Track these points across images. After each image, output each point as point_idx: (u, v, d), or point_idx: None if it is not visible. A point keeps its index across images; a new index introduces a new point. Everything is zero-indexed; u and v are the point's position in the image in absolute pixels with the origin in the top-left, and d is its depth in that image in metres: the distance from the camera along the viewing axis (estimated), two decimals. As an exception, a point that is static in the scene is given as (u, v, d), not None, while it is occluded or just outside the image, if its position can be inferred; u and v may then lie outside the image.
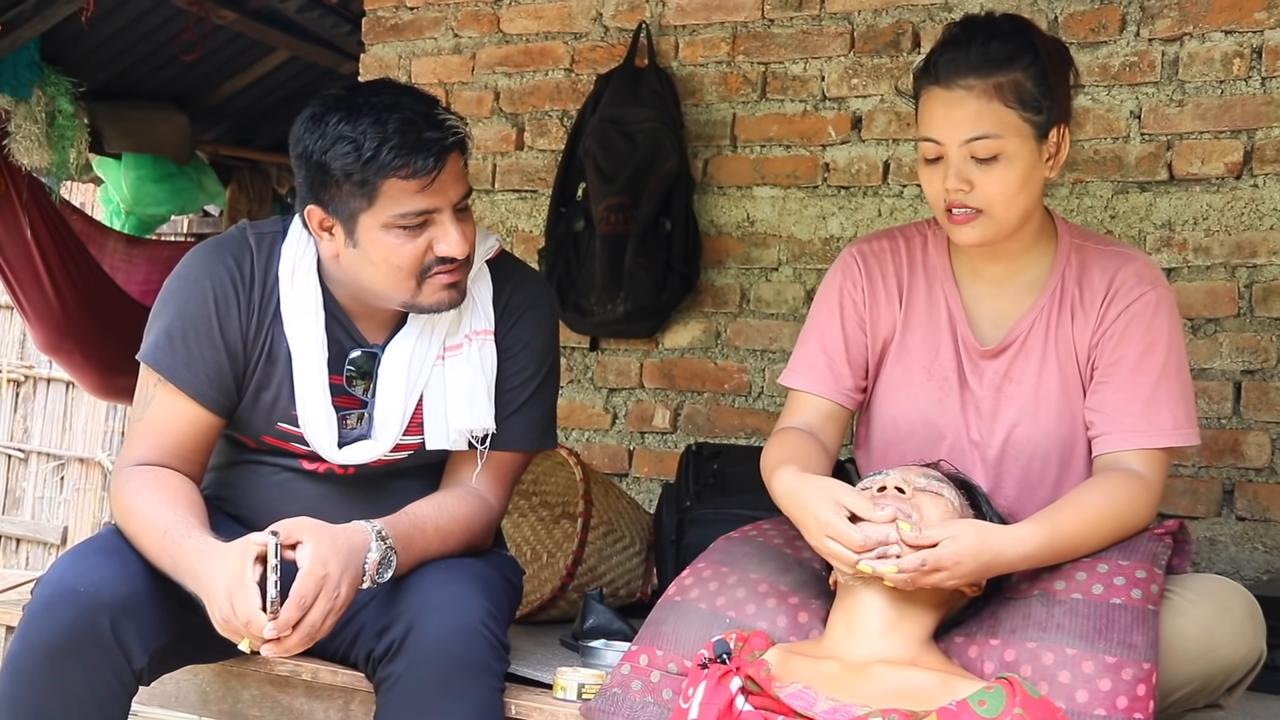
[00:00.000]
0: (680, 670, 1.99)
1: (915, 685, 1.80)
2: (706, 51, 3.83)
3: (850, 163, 3.64)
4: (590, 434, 3.96)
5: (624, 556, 3.05)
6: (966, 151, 2.02)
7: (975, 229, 2.07)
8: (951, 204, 2.06)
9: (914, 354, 2.21)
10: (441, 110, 2.10)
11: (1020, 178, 2.04)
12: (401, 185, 2.04)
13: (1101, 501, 1.98)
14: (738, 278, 3.78)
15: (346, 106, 2.05)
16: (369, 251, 2.09)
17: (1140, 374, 2.07)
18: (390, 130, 2.01)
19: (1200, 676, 1.91)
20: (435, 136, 2.04)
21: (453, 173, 2.08)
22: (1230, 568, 3.14)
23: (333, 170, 2.04)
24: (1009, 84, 2.01)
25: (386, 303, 2.16)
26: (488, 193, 4.13)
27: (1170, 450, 2.08)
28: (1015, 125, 2.02)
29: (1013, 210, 2.06)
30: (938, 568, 1.84)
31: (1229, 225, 3.23)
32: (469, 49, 4.16)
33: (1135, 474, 2.03)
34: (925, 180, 2.10)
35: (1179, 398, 2.08)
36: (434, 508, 2.15)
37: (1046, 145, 2.07)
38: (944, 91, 2.03)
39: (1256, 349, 3.19)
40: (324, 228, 2.11)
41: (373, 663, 2.06)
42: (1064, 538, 1.94)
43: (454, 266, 2.12)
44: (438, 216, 2.08)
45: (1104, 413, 2.09)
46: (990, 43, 2.02)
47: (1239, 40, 3.22)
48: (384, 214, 2.06)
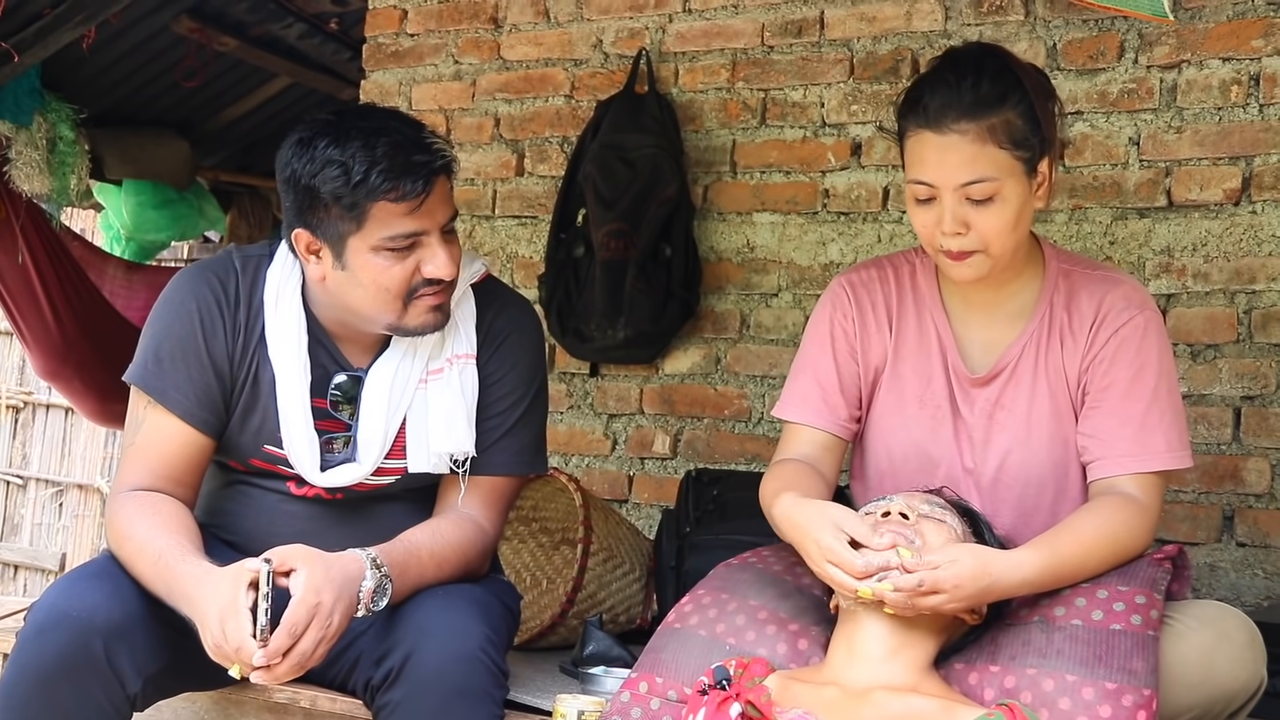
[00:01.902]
0: (680, 698, 1.98)
1: (916, 712, 1.80)
2: (706, 78, 3.84)
3: (850, 189, 3.65)
4: (590, 460, 3.95)
5: (624, 583, 3.04)
6: (962, 194, 2.01)
7: (972, 267, 2.07)
8: (948, 245, 2.05)
9: (906, 382, 2.21)
10: (428, 134, 2.13)
11: (1015, 214, 2.04)
12: (390, 208, 2.05)
13: (1099, 526, 1.98)
14: (738, 303, 3.78)
15: (334, 131, 2.07)
16: (357, 274, 2.10)
17: (1132, 398, 2.08)
18: (379, 154, 2.03)
19: (1201, 703, 1.90)
20: (423, 160, 2.06)
21: (440, 195, 2.11)
22: (1231, 594, 3.13)
23: (321, 194, 2.06)
24: (1000, 125, 2.00)
25: (372, 325, 2.17)
26: (488, 219, 4.14)
27: (1164, 473, 2.08)
28: (1008, 165, 2.02)
29: (1008, 246, 2.07)
30: (936, 590, 1.84)
31: (1228, 251, 3.23)
32: (469, 75, 4.18)
33: (1131, 498, 2.03)
34: (918, 221, 2.08)
35: (1171, 420, 2.08)
36: (429, 534, 2.14)
37: (1036, 178, 2.07)
38: (936, 136, 2.01)
39: (1256, 375, 3.19)
40: (311, 251, 2.13)
41: (371, 690, 2.05)
42: (1063, 562, 1.94)
43: (440, 289, 2.14)
44: (425, 239, 2.10)
45: (1097, 438, 2.09)
46: (980, 84, 2.01)
47: (1236, 67, 3.23)
48: (373, 236, 2.07)
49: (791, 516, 1.98)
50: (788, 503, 2.01)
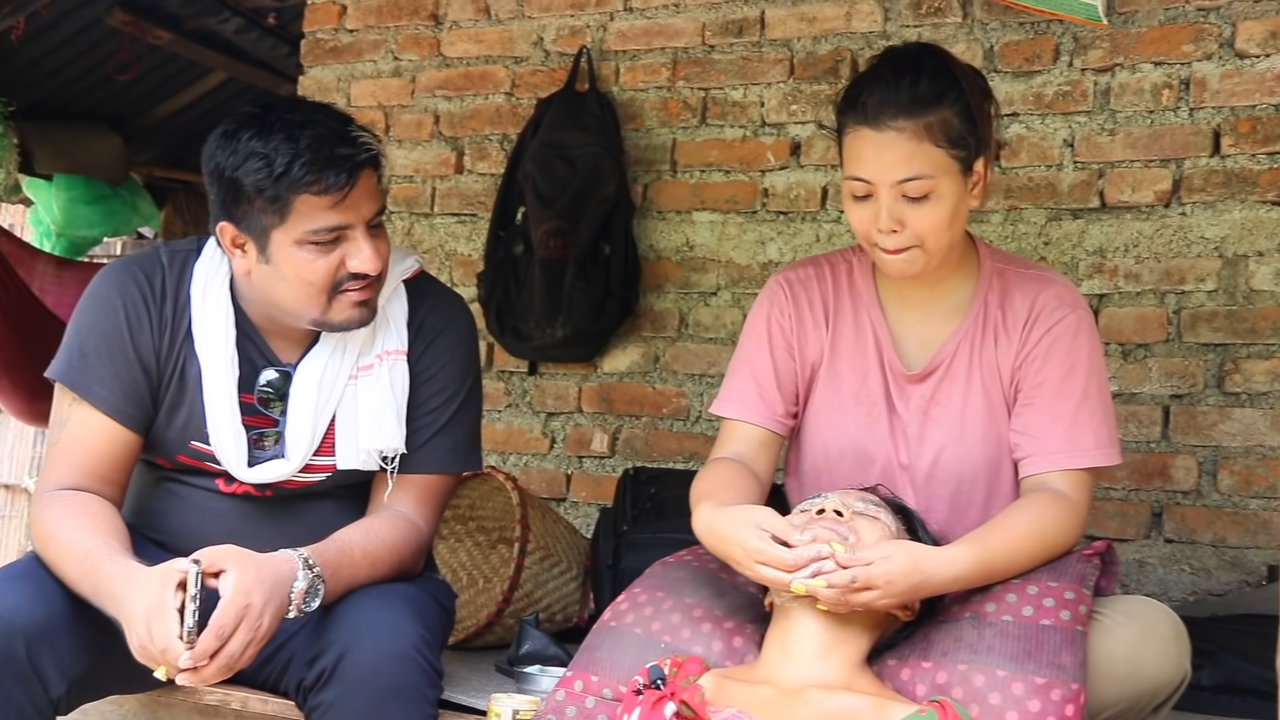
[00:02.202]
0: (615, 696, 1.98)
1: (849, 710, 1.80)
2: (647, 77, 3.84)
3: (789, 188, 3.66)
4: (528, 458, 3.94)
5: (561, 581, 3.03)
6: (898, 191, 2.04)
7: (907, 263, 2.09)
8: (884, 243, 2.07)
9: (842, 379, 2.23)
10: (355, 127, 2.11)
11: (950, 212, 2.06)
12: (313, 201, 2.04)
13: (1030, 522, 2.00)
14: (677, 302, 3.79)
15: (259, 123, 2.05)
16: (281, 267, 2.09)
17: (1063, 396, 2.10)
18: (302, 146, 2.02)
19: (1128, 697, 1.93)
20: (348, 153, 2.05)
21: (365, 189, 2.09)
22: (1158, 589, 3.18)
23: (244, 186, 2.05)
24: (937, 123, 2.03)
25: (297, 320, 2.15)
26: (426, 216, 4.12)
27: (1094, 470, 2.11)
28: (944, 164, 2.04)
29: (943, 243, 2.09)
30: (869, 585, 1.85)
31: (1158, 252, 3.28)
32: (409, 72, 4.15)
33: (1061, 494, 2.05)
34: (854, 218, 2.11)
35: (1101, 418, 2.11)
36: (362, 534, 2.13)
37: (971, 177, 2.10)
38: (874, 133, 2.03)
39: (1185, 374, 3.24)
40: (236, 244, 2.12)
41: (303, 691, 2.03)
42: (994, 558, 1.96)
43: (366, 284, 2.13)
44: (350, 233, 2.09)
45: (1029, 435, 2.12)
46: (919, 83, 2.03)
47: (1168, 72, 3.28)
48: (296, 230, 2.06)
49: (713, 528, 1.98)
50: (705, 513, 2.01)
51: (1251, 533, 3.15)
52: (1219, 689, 2.65)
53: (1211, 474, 3.20)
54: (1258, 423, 3.16)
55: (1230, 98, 3.22)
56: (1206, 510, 3.20)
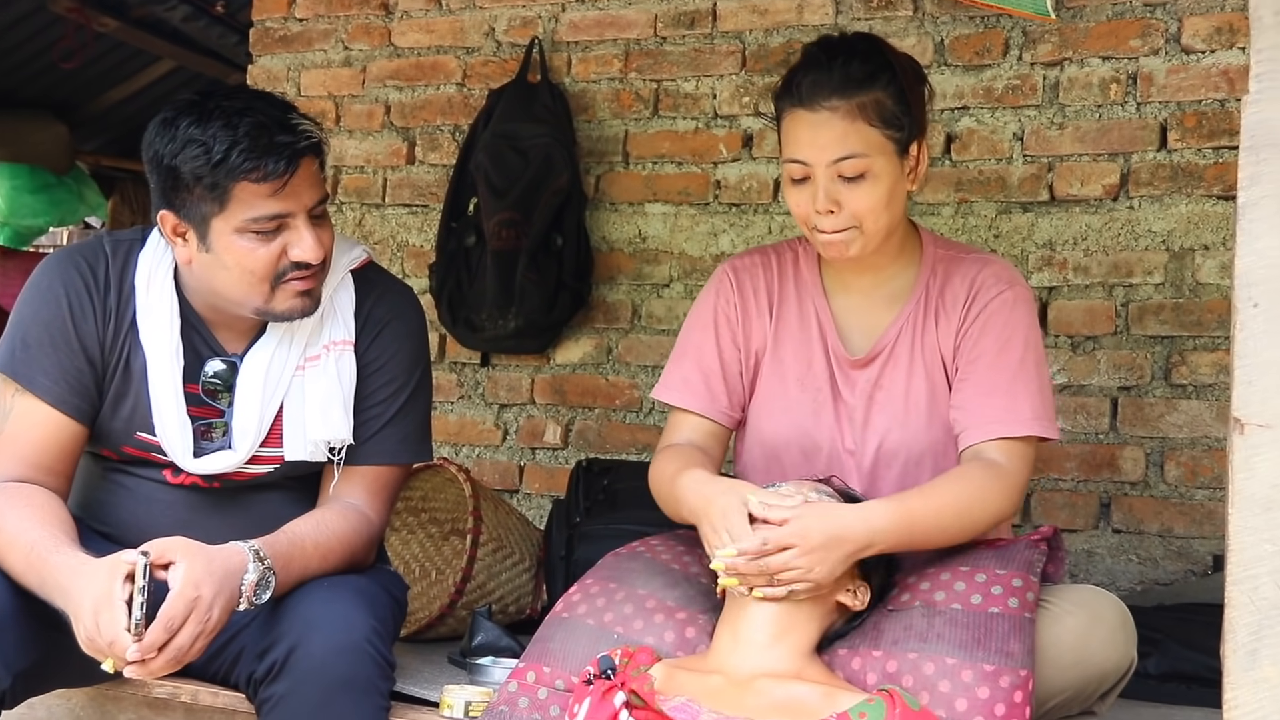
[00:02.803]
0: (567, 687, 1.98)
1: (798, 699, 1.81)
2: (599, 68, 3.84)
3: (741, 180, 3.67)
4: (481, 450, 3.93)
5: (514, 573, 3.03)
6: (834, 171, 2.07)
7: (845, 245, 2.11)
8: (822, 224, 2.10)
9: (787, 366, 2.25)
10: (296, 115, 2.10)
11: (886, 193, 2.09)
12: (253, 189, 2.03)
13: (955, 486, 2.03)
14: (629, 294, 3.79)
15: (198, 111, 2.04)
16: (222, 256, 2.08)
17: (999, 367, 2.12)
18: (240, 133, 2.01)
19: (1075, 684, 1.95)
20: (287, 140, 2.04)
21: (306, 177, 2.08)
22: (1107, 579, 3.22)
23: (183, 174, 2.03)
24: (871, 103, 2.06)
25: (240, 309, 2.14)
26: (378, 207, 4.09)
27: (1031, 442, 2.12)
28: (879, 143, 2.07)
29: (880, 224, 2.11)
30: (784, 545, 1.87)
31: (1107, 245, 3.31)
32: (359, 62, 4.12)
33: (994, 463, 2.07)
34: (793, 201, 2.14)
35: (1037, 390, 2.13)
36: (313, 525, 2.11)
37: (908, 160, 2.13)
38: (808, 113, 2.07)
39: (1133, 366, 3.27)
40: (177, 233, 2.10)
41: (254, 684, 2.02)
42: (914, 515, 1.97)
43: (309, 273, 2.11)
44: (291, 221, 2.08)
45: (965, 408, 2.14)
46: (850, 63, 2.07)
47: (1115, 66, 3.32)
48: (236, 218, 2.05)
49: (705, 493, 2.01)
50: (697, 476, 2.05)
51: (1197, 523, 3.20)
52: (1165, 677, 2.68)
53: (1159, 465, 3.24)
54: (1204, 414, 3.20)
55: (1177, 93, 3.26)
56: (1154, 501, 3.24)
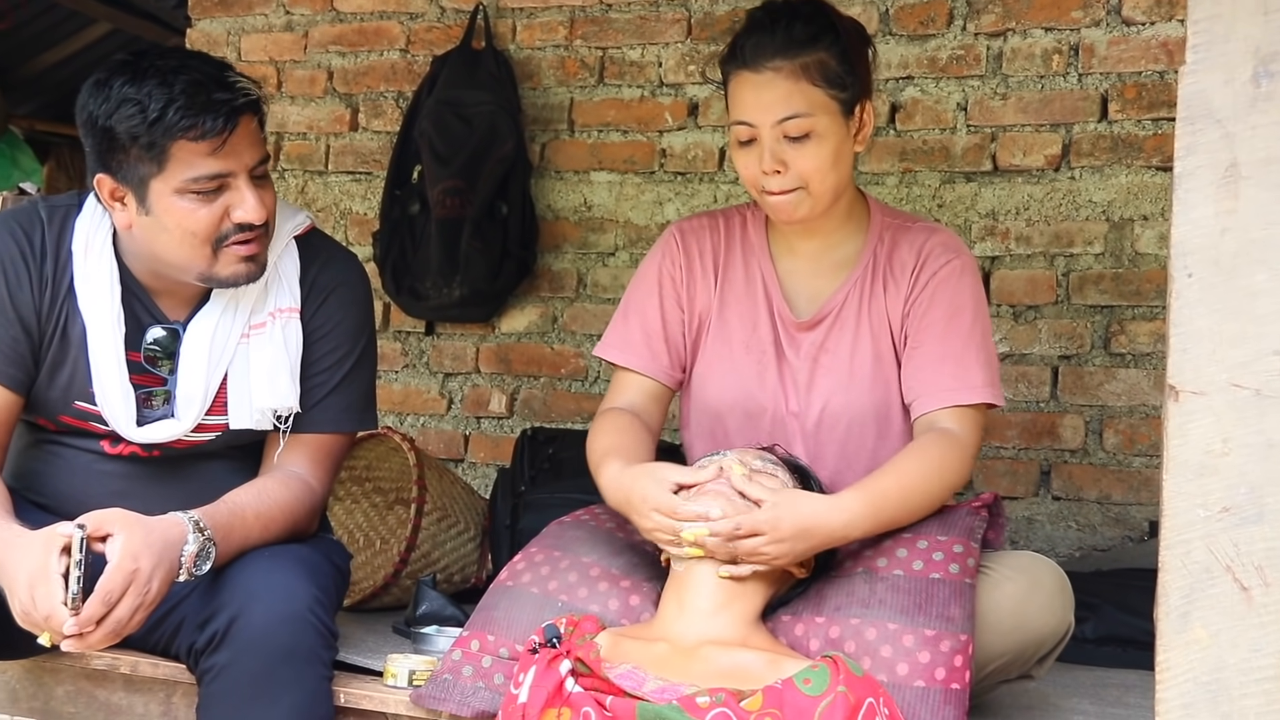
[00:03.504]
0: (512, 655, 1.98)
1: (743, 665, 1.82)
2: (544, 35, 3.81)
3: (687, 149, 3.67)
4: (425, 419, 3.91)
5: (458, 542, 3.02)
6: (779, 132, 2.08)
7: (793, 206, 2.12)
8: (768, 187, 2.11)
9: (732, 329, 2.26)
10: (232, 73, 2.06)
11: (832, 153, 2.10)
12: (191, 147, 2.00)
13: (919, 464, 2.04)
14: (574, 262, 3.78)
15: (132, 70, 2.01)
16: (162, 218, 2.04)
17: (950, 336, 2.14)
18: (177, 91, 1.98)
19: (1014, 648, 1.98)
20: (225, 97, 2.00)
21: (246, 135, 2.05)
22: (1046, 545, 3.26)
23: (119, 134, 2.00)
24: (814, 63, 2.08)
25: (183, 274, 2.11)
26: (320, 174, 4.05)
27: (983, 410, 2.14)
28: (823, 103, 2.09)
29: (827, 185, 2.12)
30: (755, 531, 1.88)
31: (1048, 215, 3.34)
32: (301, 27, 4.07)
33: (949, 433, 2.09)
34: (740, 163, 2.15)
35: (986, 359, 2.15)
36: (254, 495, 2.10)
37: (853, 121, 2.14)
38: (753, 75, 2.09)
39: (1073, 335, 3.31)
40: (115, 197, 2.06)
41: (195, 654, 2.00)
42: (886, 501, 1.99)
43: (252, 236, 2.08)
44: (233, 181, 2.05)
45: (918, 376, 2.16)
46: (793, 25, 2.09)
47: (1058, 37, 3.34)
48: (175, 178, 2.01)
49: (618, 482, 2.03)
50: (614, 470, 2.05)
51: (1135, 490, 3.25)
52: (1102, 640, 2.73)
53: (1098, 433, 3.28)
54: (1141, 383, 3.25)
55: (1117, 64, 3.29)
56: (1093, 468, 3.29)
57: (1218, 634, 1.41)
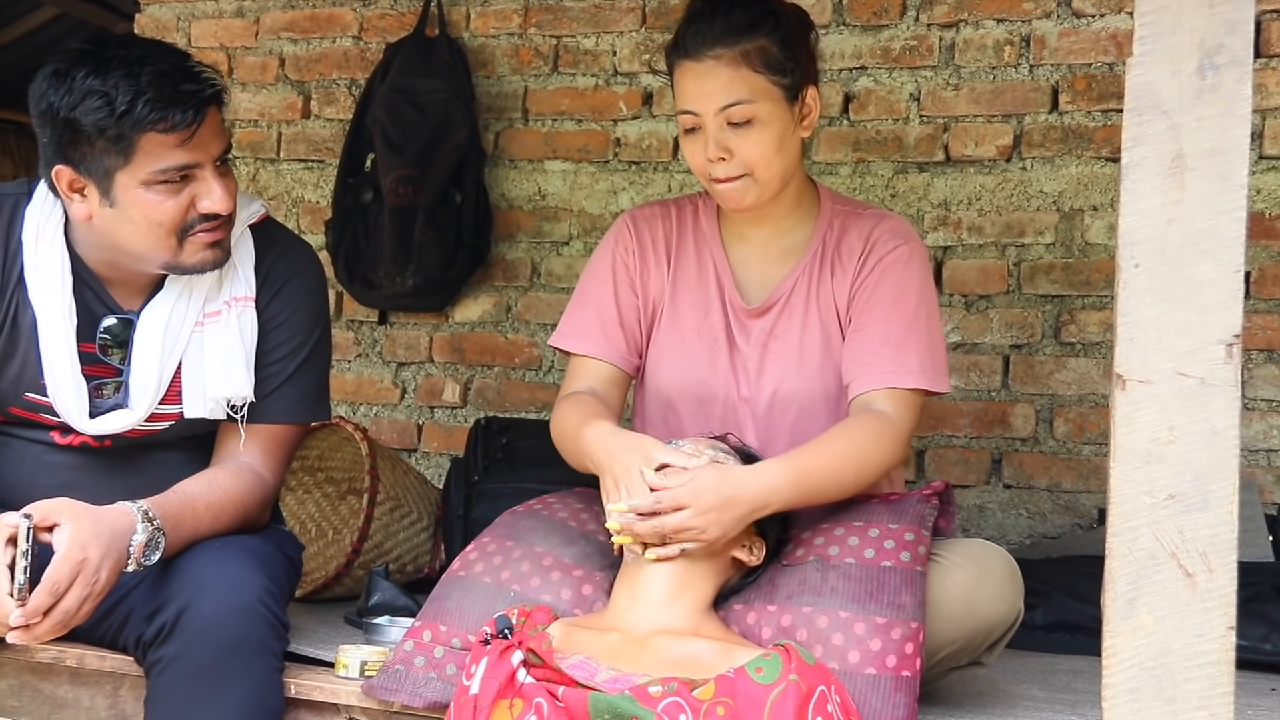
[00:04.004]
0: (464, 645, 1.98)
1: (695, 655, 1.83)
2: (498, 23, 3.79)
3: (641, 138, 3.66)
4: (379, 409, 3.89)
5: (411, 532, 3.01)
6: (723, 119, 2.09)
7: (740, 192, 2.14)
8: (715, 174, 2.12)
9: (684, 315, 2.27)
10: (195, 63, 2.05)
11: (776, 139, 2.11)
12: (160, 140, 1.98)
13: (845, 439, 2.05)
14: (529, 251, 3.77)
15: (94, 60, 1.97)
16: (127, 210, 2.02)
17: (891, 320, 2.16)
18: (144, 83, 1.95)
19: (964, 635, 1.99)
20: (193, 89, 1.99)
21: (212, 126, 2.04)
22: (997, 533, 3.29)
23: (83, 126, 1.96)
24: (755, 50, 2.09)
25: (145, 265, 2.09)
26: (272, 162, 4.02)
27: (919, 394, 2.15)
28: (765, 89, 2.10)
29: (774, 171, 2.14)
30: (678, 505, 1.88)
31: (1000, 206, 3.37)
32: (252, 13, 4.03)
33: (880, 413, 2.10)
34: (688, 152, 2.16)
35: (928, 344, 2.16)
36: (205, 485, 2.08)
37: (798, 107, 2.15)
38: (694, 64, 2.10)
39: (1024, 324, 3.34)
40: (75, 189, 2.03)
41: (143, 646, 1.99)
42: (808, 472, 1.99)
43: (217, 224, 2.07)
44: (199, 172, 2.03)
45: (856, 358, 2.17)
46: (733, 13, 2.10)
47: (1009, 29, 3.36)
48: (143, 170, 1.99)
49: (608, 443, 2.01)
50: (604, 430, 2.04)
51: (1084, 478, 3.28)
52: (1051, 627, 2.76)
53: (1048, 421, 3.31)
54: (1091, 372, 3.28)
55: (1068, 55, 3.31)
56: (1043, 457, 3.32)
57: (1163, 620, 1.42)
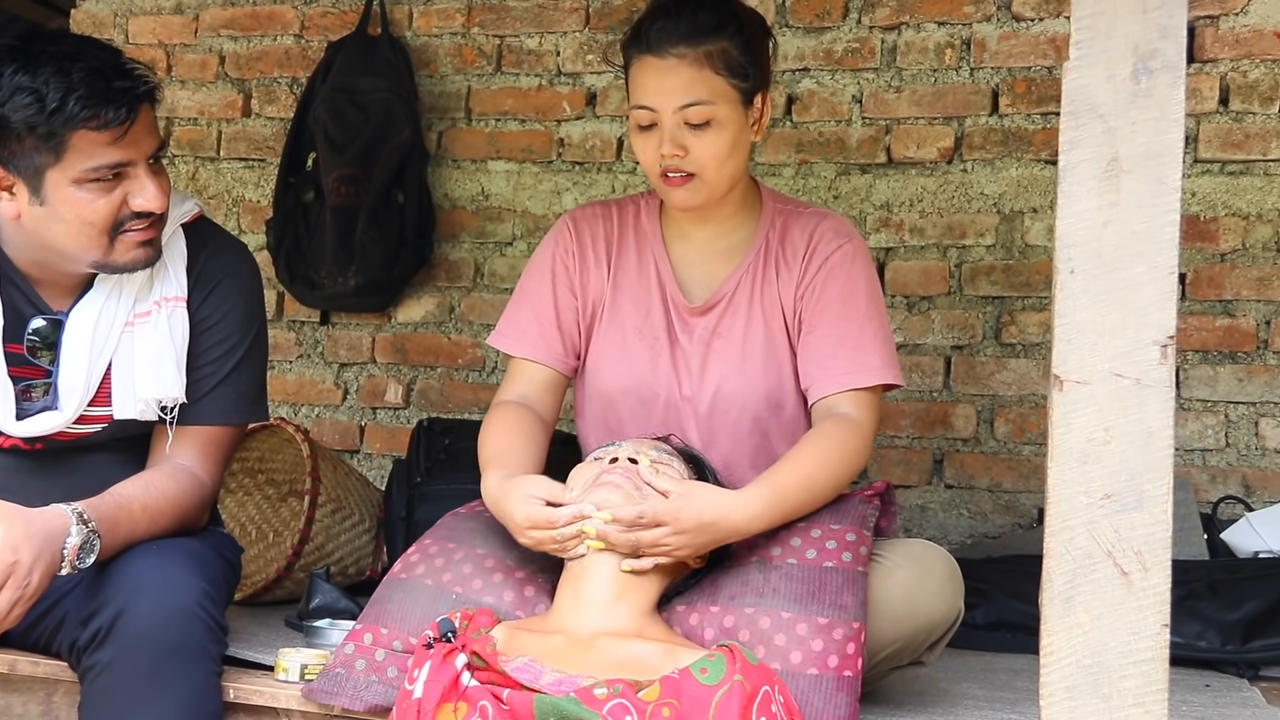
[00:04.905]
0: (406, 648, 1.96)
1: (639, 656, 1.82)
2: (441, 22, 3.78)
3: (585, 138, 3.66)
4: (320, 410, 3.86)
5: (353, 534, 2.99)
6: (680, 118, 2.10)
7: (689, 191, 2.14)
8: (667, 169, 2.12)
9: (625, 315, 2.27)
10: (127, 60, 2.02)
11: (730, 141, 2.12)
12: (92, 137, 1.95)
13: (818, 454, 2.05)
14: (472, 252, 3.75)
15: (23, 56, 1.95)
16: (58, 209, 1.99)
17: (845, 319, 2.17)
18: (76, 80, 1.93)
19: (905, 635, 2.00)
20: (125, 86, 1.97)
21: (145, 124, 2.02)
22: (939, 533, 3.32)
23: (13, 124, 1.94)
24: (717, 52, 2.10)
25: (75, 264, 2.06)
26: (212, 160, 3.97)
27: (880, 391, 2.17)
28: (724, 91, 2.11)
29: (724, 173, 2.15)
30: (658, 521, 1.88)
31: (941, 207, 3.39)
32: (191, 9, 3.99)
33: (846, 418, 2.11)
34: (639, 147, 2.17)
35: (882, 340, 2.18)
36: (141, 487, 2.05)
37: (752, 111, 2.17)
38: (657, 60, 2.10)
39: (965, 325, 3.37)
40: (3, 186, 2.01)
41: (77, 651, 1.96)
42: (787, 496, 2.00)
43: (149, 223, 2.05)
44: (132, 170, 2.01)
45: (815, 360, 2.18)
46: (698, 13, 2.11)
47: (950, 31, 3.38)
48: (74, 168, 1.97)
49: (495, 499, 2.03)
50: (494, 483, 2.04)
51: (1024, 478, 3.31)
52: (991, 626, 2.78)
53: (989, 422, 3.34)
54: (1031, 372, 3.31)
55: (1008, 59, 3.35)
56: (984, 457, 3.35)
57: (1099, 618, 1.44)
